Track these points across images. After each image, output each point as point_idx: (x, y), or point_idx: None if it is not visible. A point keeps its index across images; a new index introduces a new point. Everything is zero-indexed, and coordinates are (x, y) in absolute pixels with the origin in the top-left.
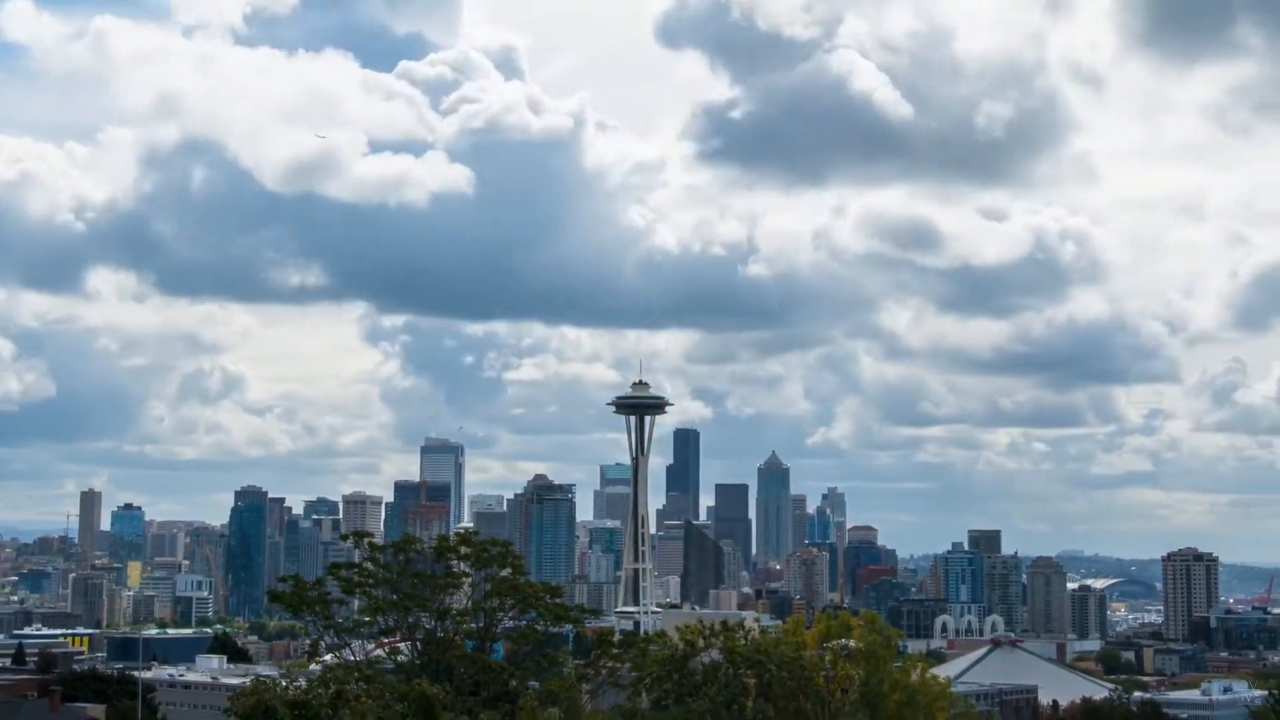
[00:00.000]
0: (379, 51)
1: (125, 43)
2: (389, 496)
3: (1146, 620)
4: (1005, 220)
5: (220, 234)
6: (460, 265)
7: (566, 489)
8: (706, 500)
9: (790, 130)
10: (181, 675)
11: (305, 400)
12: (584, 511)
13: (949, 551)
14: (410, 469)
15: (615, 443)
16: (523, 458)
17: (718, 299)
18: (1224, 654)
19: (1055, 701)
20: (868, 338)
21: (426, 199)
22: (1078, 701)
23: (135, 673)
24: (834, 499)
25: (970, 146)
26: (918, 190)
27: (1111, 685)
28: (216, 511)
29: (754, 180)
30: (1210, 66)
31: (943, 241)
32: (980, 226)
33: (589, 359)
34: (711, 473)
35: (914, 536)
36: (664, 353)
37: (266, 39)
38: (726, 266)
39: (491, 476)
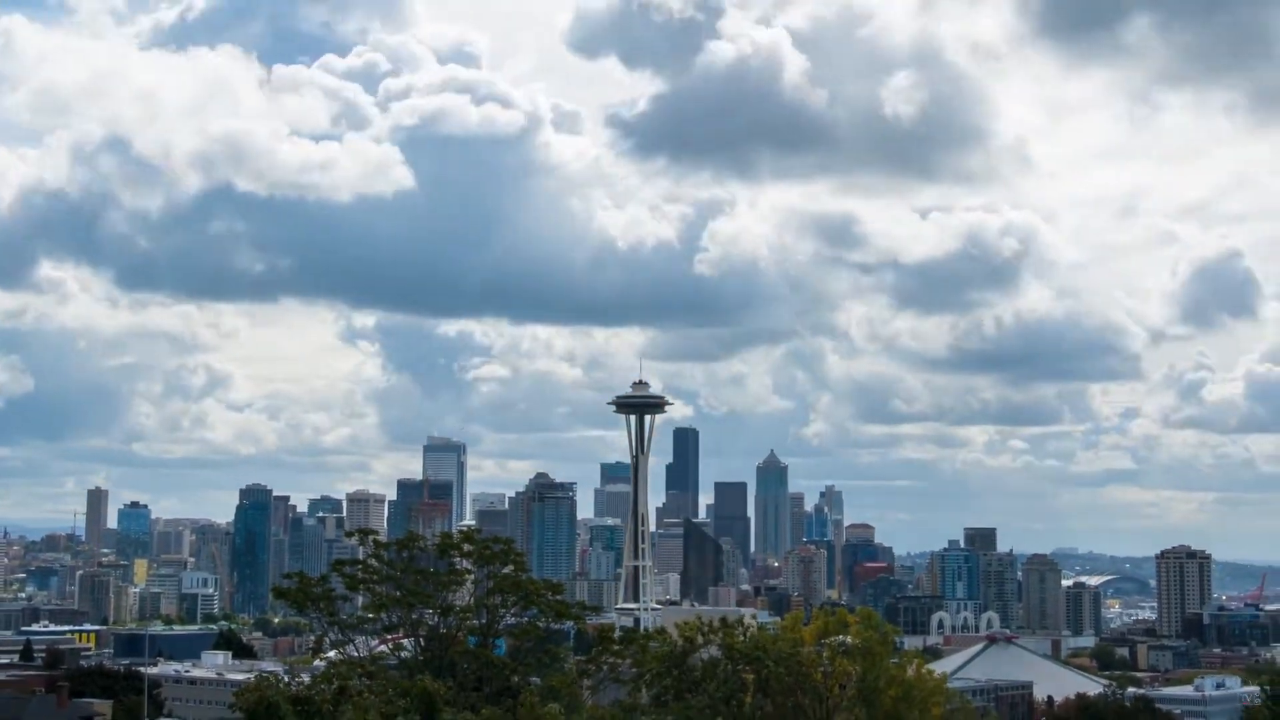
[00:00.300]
0: (299, 46)
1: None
2: (392, 494)
3: (1140, 617)
4: (943, 216)
5: (184, 233)
6: (423, 262)
7: (568, 487)
8: (706, 498)
9: (718, 125)
10: (187, 671)
11: (292, 399)
12: (585, 509)
13: (945, 549)
14: (407, 467)
15: (599, 440)
16: (508, 455)
17: (673, 295)
18: (1217, 650)
19: (1050, 697)
20: (826, 334)
21: (389, 196)
22: (1072, 697)
23: (141, 669)
24: (831, 497)
25: (895, 140)
26: (850, 184)
27: (1106, 681)
28: (215, 508)
29: (684, 174)
30: (1109, 61)
31: (882, 239)
32: (920, 222)
33: (561, 357)
34: (709, 471)
35: (901, 533)
36: (625, 350)
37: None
38: (676, 262)
39: (481, 475)
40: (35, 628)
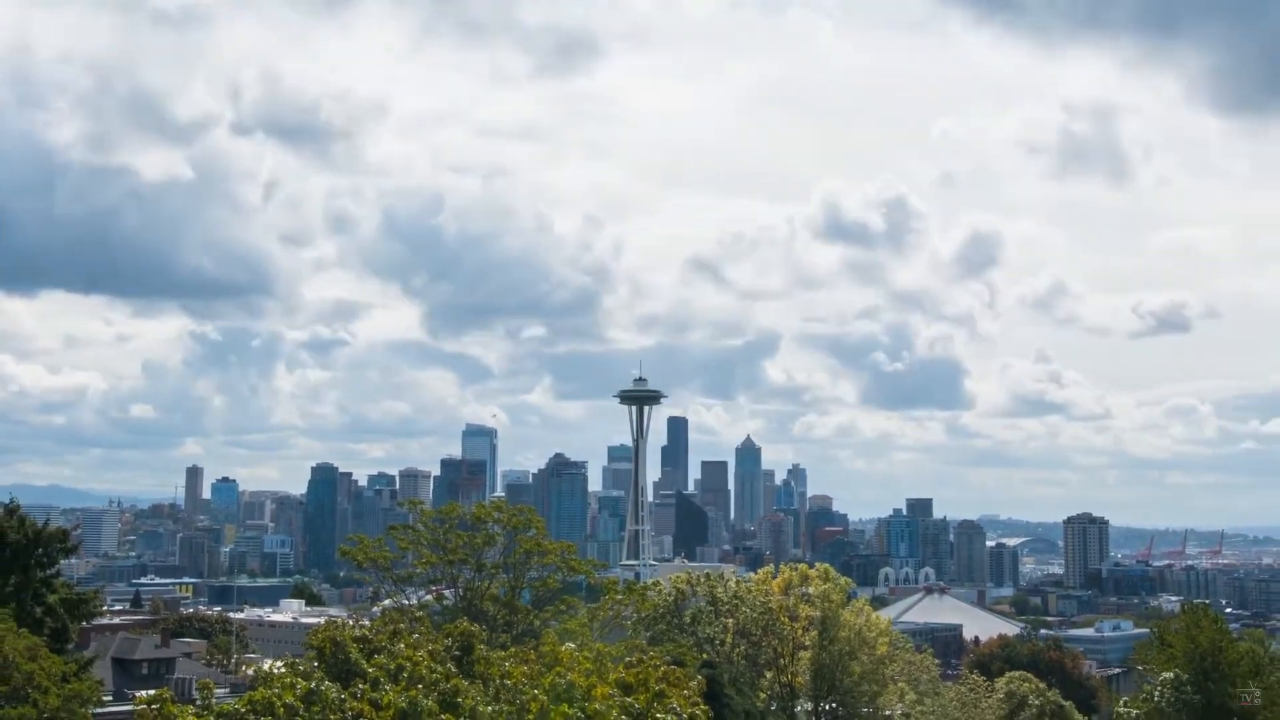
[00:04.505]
0: None
1: None
2: (437, 471)
3: (1051, 571)
4: None
5: None
6: None
7: (580, 465)
8: (694, 474)
9: None
10: (268, 616)
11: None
12: (594, 483)
13: (890, 516)
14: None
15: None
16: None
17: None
18: (1113, 599)
19: (976, 637)
20: None
21: None
22: (995, 637)
23: (230, 614)
24: (797, 474)
25: None
26: None
27: (1022, 624)
28: None
29: None
30: None
31: None
32: None
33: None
34: (698, 451)
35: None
36: None
37: None
38: None
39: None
40: (143, 581)
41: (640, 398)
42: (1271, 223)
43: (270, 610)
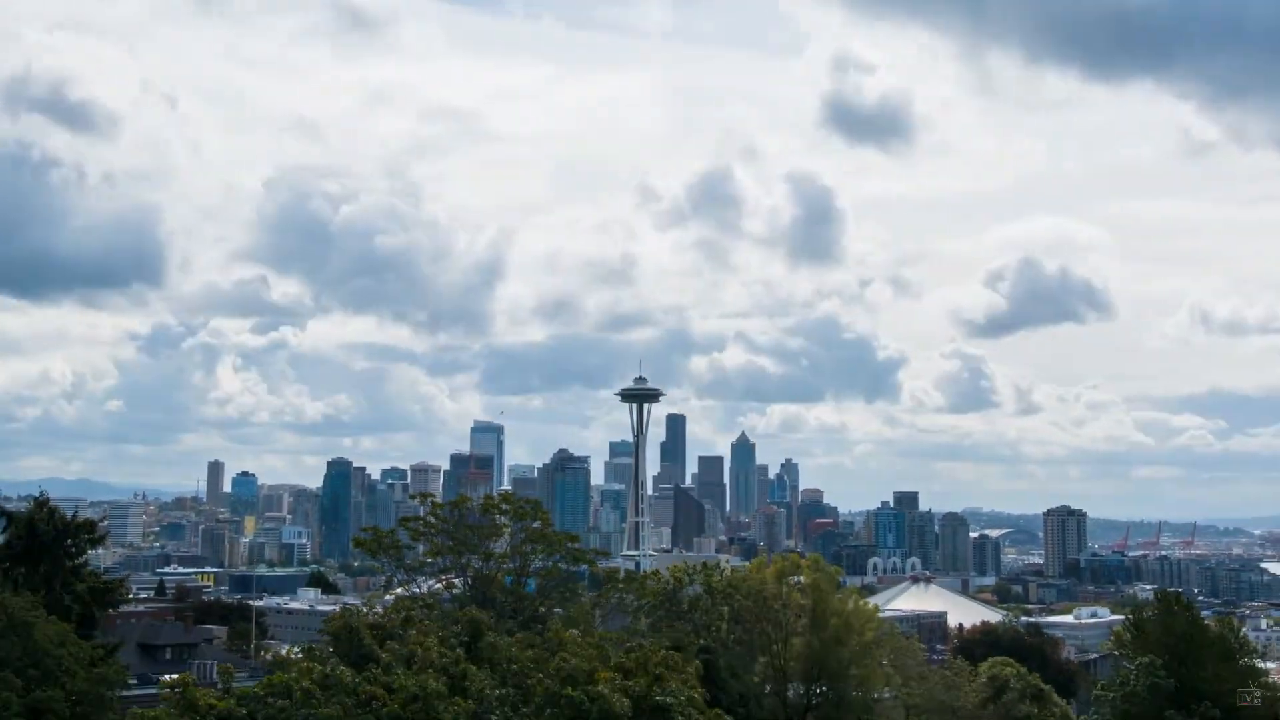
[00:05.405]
0: None
1: None
2: (447, 466)
3: (1031, 561)
4: None
5: None
6: None
7: (583, 460)
8: (691, 469)
9: None
10: (286, 604)
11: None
12: (596, 477)
13: (879, 508)
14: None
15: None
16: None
17: None
18: (1091, 587)
19: (960, 624)
20: None
21: None
22: (978, 624)
23: (250, 602)
24: (790, 468)
25: None
26: None
27: (1004, 611)
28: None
29: None
30: None
31: None
32: None
33: None
34: (695, 447)
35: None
36: None
37: None
38: None
39: (517, 449)
40: (167, 570)
41: (640, 396)
42: (1148, 222)
43: (288, 598)
